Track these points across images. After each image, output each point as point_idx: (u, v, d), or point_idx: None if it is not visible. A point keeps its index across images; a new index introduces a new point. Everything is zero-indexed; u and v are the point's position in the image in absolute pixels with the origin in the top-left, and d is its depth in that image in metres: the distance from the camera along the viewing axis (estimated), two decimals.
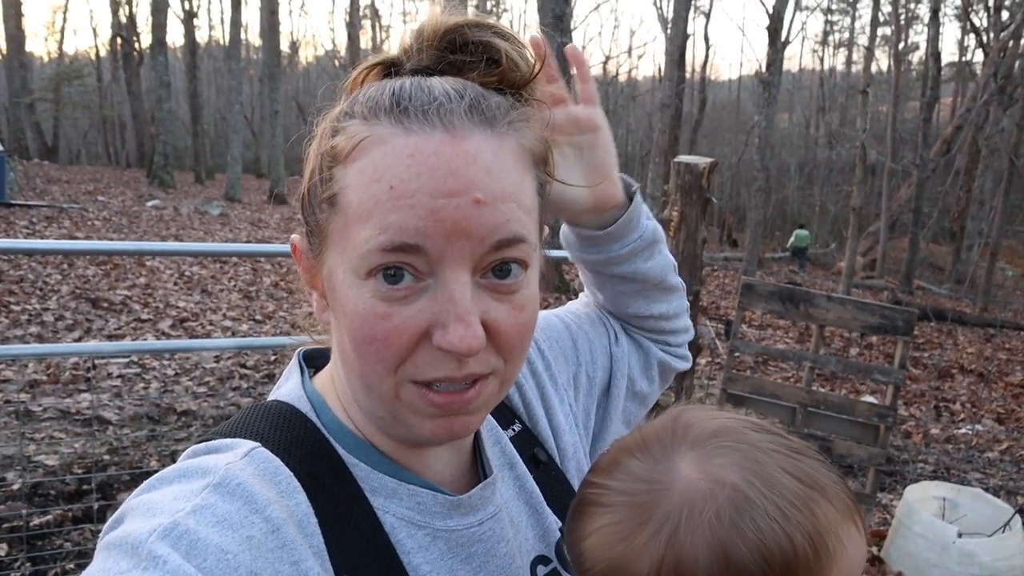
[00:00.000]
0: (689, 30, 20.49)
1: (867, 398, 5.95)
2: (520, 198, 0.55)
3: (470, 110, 0.54)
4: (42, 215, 12.44)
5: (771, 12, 15.49)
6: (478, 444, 0.71)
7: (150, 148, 24.63)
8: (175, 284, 8.35)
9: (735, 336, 3.50)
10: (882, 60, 40.83)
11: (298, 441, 0.60)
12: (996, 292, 17.71)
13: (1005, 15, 18.87)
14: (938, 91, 21.16)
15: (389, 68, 0.61)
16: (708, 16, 37.61)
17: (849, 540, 0.56)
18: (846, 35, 45.77)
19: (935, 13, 19.32)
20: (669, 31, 19.54)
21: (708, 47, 33.80)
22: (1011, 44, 16.75)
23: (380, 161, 0.53)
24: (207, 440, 0.59)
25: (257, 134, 37.23)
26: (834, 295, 3.38)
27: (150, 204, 16.31)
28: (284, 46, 40.40)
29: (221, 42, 41.67)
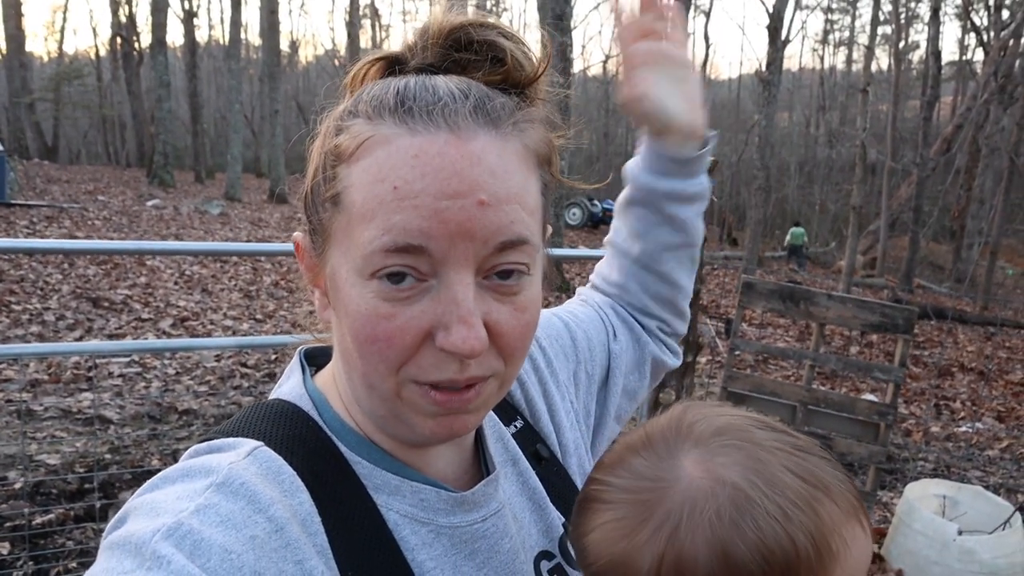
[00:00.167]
0: (689, 29, 20.38)
1: (867, 396, 5.94)
2: (524, 199, 0.55)
3: (475, 110, 0.54)
4: (42, 215, 12.44)
5: (771, 11, 15.44)
6: (481, 441, 0.71)
7: (150, 147, 24.62)
8: (176, 283, 8.35)
9: (735, 334, 3.50)
10: (882, 59, 40.90)
11: (300, 439, 0.60)
12: (996, 291, 17.69)
13: (1005, 14, 18.87)
14: (938, 90, 21.14)
15: (392, 64, 0.61)
16: (708, 15, 37.62)
17: (853, 540, 0.55)
18: (846, 34, 45.88)
19: (935, 12, 19.32)
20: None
21: (708, 46, 33.89)
22: (1011, 43, 16.75)
23: (384, 161, 0.52)
24: (209, 439, 0.59)
25: (257, 133, 37.21)
26: (834, 293, 3.38)
27: (150, 204, 16.31)
28: (284, 45, 40.47)
29: (221, 41, 41.70)
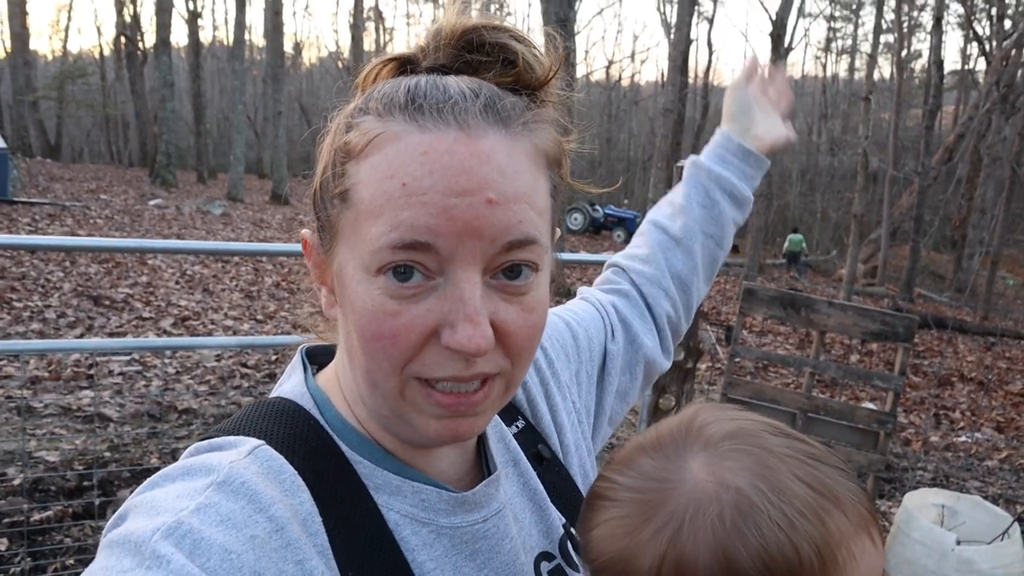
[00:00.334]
0: (692, 35, 20.48)
1: (867, 405, 5.94)
2: (533, 199, 0.55)
3: (485, 109, 0.54)
4: (44, 212, 12.45)
5: (774, 18, 15.48)
6: (482, 441, 0.71)
7: (153, 147, 24.67)
8: (177, 283, 8.36)
9: (736, 341, 3.50)
10: (884, 67, 40.95)
11: (301, 438, 0.60)
12: (997, 301, 17.69)
13: (1008, 24, 18.92)
14: (940, 99, 21.16)
15: (404, 65, 0.61)
16: (711, 22, 37.81)
17: (862, 554, 0.54)
18: (849, 42, 45.81)
19: (938, 21, 19.33)
20: (672, 36, 19.51)
21: (711, 52, 34.03)
22: (1014, 53, 16.79)
23: (393, 158, 0.52)
24: (210, 437, 0.58)
25: (260, 134, 37.25)
26: (835, 301, 3.38)
27: (152, 203, 16.33)
28: (288, 47, 40.55)
29: (225, 42, 41.75)
